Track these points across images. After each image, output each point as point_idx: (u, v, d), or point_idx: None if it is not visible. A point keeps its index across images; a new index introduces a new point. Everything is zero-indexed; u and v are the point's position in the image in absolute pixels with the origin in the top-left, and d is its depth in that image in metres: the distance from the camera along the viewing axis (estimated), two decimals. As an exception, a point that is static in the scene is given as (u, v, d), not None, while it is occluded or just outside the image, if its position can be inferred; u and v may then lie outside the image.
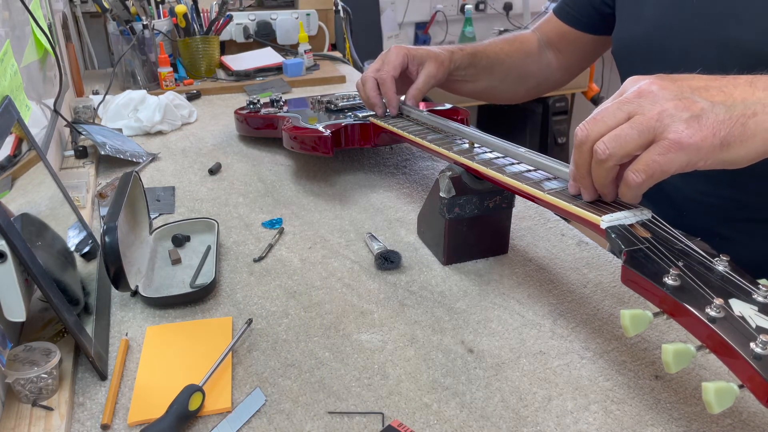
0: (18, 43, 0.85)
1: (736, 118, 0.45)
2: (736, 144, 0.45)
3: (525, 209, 0.86)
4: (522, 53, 0.95)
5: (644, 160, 0.46)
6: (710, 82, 0.48)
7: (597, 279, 0.71)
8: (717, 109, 0.45)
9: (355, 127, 0.93)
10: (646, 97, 0.47)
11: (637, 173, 0.46)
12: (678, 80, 0.48)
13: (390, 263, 0.72)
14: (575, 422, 0.51)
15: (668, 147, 0.45)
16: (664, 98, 0.46)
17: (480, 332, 0.62)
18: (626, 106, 0.47)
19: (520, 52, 0.95)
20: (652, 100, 0.46)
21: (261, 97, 1.17)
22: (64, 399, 0.53)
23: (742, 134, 0.45)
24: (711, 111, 0.45)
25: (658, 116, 0.45)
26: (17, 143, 0.65)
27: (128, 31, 1.40)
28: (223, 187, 0.95)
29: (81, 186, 0.90)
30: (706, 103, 0.46)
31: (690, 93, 0.46)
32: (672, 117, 0.45)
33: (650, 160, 0.45)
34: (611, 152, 0.47)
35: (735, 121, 0.45)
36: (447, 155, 0.72)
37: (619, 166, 0.48)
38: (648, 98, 0.47)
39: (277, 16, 1.69)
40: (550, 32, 0.95)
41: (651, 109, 0.46)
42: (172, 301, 0.67)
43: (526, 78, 0.97)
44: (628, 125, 0.46)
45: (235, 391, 0.55)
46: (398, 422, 0.51)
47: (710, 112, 0.45)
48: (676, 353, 0.39)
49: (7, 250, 0.49)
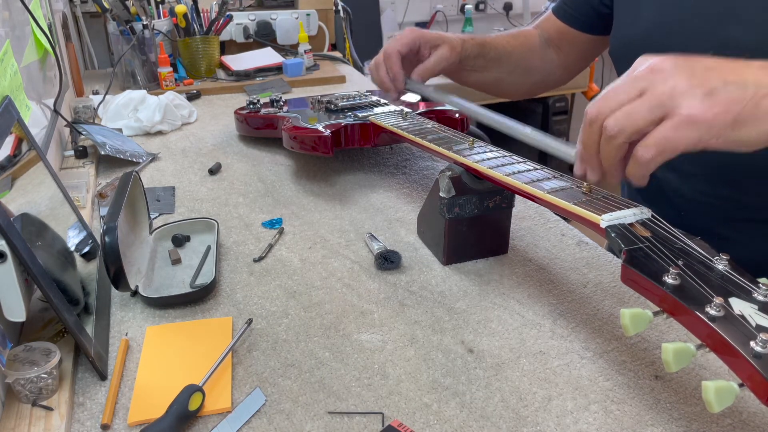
0: (18, 43, 0.85)
1: (749, 97, 0.45)
2: (749, 123, 0.45)
3: (525, 209, 0.86)
4: (526, 48, 0.95)
5: (655, 136, 0.45)
6: (722, 63, 0.47)
7: (597, 279, 0.71)
8: (730, 87, 0.45)
9: (355, 127, 0.94)
10: (659, 74, 0.46)
11: (647, 148, 0.46)
12: (690, 59, 0.47)
13: (390, 263, 0.72)
14: (575, 422, 0.51)
15: (680, 123, 0.44)
16: (677, 75, 0.45)
17: (480, 332, 0.62)
18: (638, 83, 0.47)
19: (525, 46, 0.95)
20: (664, 76, 0.46)
21: (261, 97, 1.17)
22: (64, 399, 0.53)
23: (755, 114, 0.45)
24: (724, 89, 0.45)
25: (670, 92, 0.45)
26: (17, 143, 0.65)
27: (128, 31, 1.40)
28: (223, 187, 0.95)
29: (81, 186, 0.90)
30: (719, 81, 0.45)
31: (703, 71, 0.46)
32: (684, 94, 0.45)
33: (661, 136, 0.45)
34: (621, 128, 0.46)
35: (748, 100, 0.45)
36: (447, 155, 0.72)
37: (628, 144, 0.48)
38: (660, 75, 0.46)
39: (277, 16, 1.69)
40: (550, 30, 0.95)
41: (663, 86, 0.45)
42: (172, 301, 0.67)
43: (531, 72, 0.97)
44: (639, 101, 0.46)
45: (235, 391, 0.55)
46: (398, 422, 0.51)
47: (723, 89, 0.45)
48: (676, 352, 0.39)
49: (7, 250, 0.49)
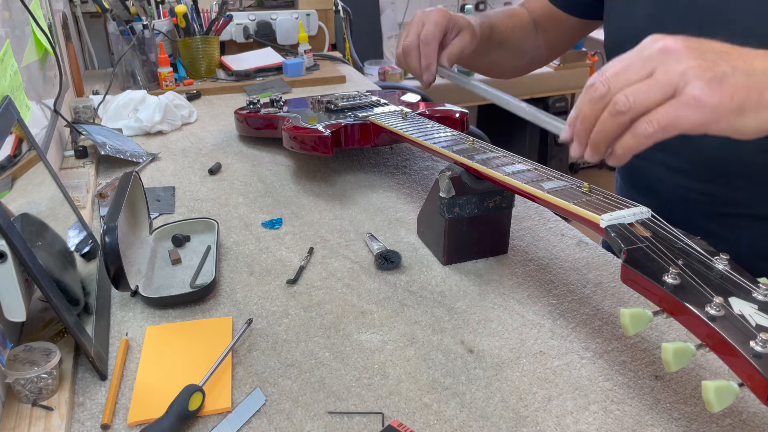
0: (18, 43, 0.85)
1: (754, 85, 0.45)
2: (751, 111, 0.45)
3: (525, 209, 0.86)
4: (521, 30, 0.94)
5: (660, 112, 0.46)
6: (731, 49, 0.48)
7: (597, 279, 0.71)
8: (738, 74, 0.46)
9: (355, 127, 0.94)
10: (671, 55, 0.47)
11: (650, 123, 0.46)
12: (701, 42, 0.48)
13: (390, 263, 0.72)
14: (575, 422, 0.51)
15: (686, 103, 0.45)
16: (689, 57, 0.46)
17: (480, 332, 0.62)
18: (650, 63, 0.47)
19: (520, 29, 0.94)
20: (676, 57, 0.46)
21: (261, 97, 1.17)
22: (64, 399, 0.53)
23: (758, 102, 0.45)
24: (732, 75, 0.45)
25: (681, 73, 0.45)
26: (17, 143, 0.65)
27: (128, 31, 1.40)
28: (223, 187, 0.95)
29: (81, 186, 0.90)
30: (728, 67, 0.46)
31: (713, 55, 0.46)
32: (694, 75, 0.45)
33: (666, 113, 0.45)
34: (632, 105, 0.46)
35: (753, 88, 0.45)
36: (447, 155, 0.72)
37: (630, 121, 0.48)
38: (673, 56, 0.46)
39: (277, 16, 1.69)
40: (537, 11, 0.94)
41: (675, 67, 0.46)
42: (172, 301, 0.67)
43: (523, 55, 0.96)
44: (651, 80, 0.46)
45: (235, 391, 0.55)
46: (398, 422, 0.51)
47: (731, 75, 0.45)
48: (676, 352, 0.39)
49: (7, 250, 0.49)
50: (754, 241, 0.73)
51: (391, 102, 1.06)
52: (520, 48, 0.95)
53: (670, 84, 0.46)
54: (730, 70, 0.46)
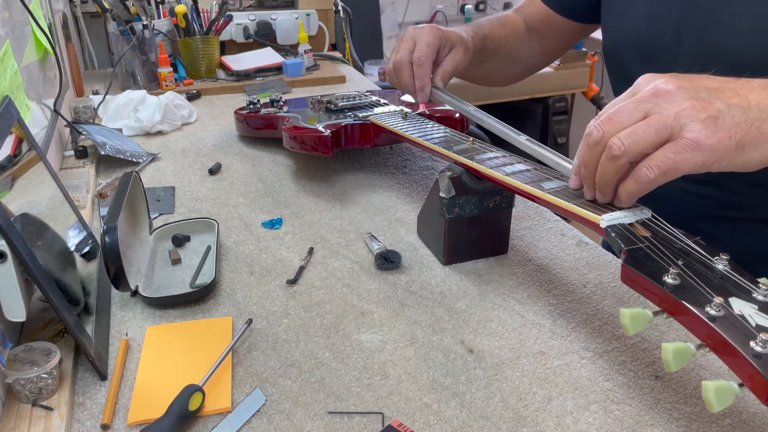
0: (18, 43, 0.85)
1: (751, 121, 0.45)
2: (751, 147, 0.45)
3: (525, 209, 0.86)
4: (516, 38, 0.94)
5: (660, 157, 0.45)
6: (725, 83, 0.47)
7: (597, 279, 0.71)
8: (733, 111, 0.45)
9: (355, 127, 0.94)
10: (664, 97, 0.46)
11: (650, 168, 0.46)
12: (693, 80, 0.48)
13: (390, 263, 0.72)
14: (575, 422, 0.51)
15: (685, 146, 0.44)
16: (682, 98, 0.46)
17: (480, 332, 0.62)
18: (643, 105, 0.47)
19: (514, 36, 0.94)
20: (669, 99, 0.46)
21: (261, 97, 1.17)
22: (64, 399, 0.53)
23: (757, 137, 0.45)
24: (727, 113, 0.45)
25: (675, 116, 0.45)
26: (17, 143, 0.65)
27: (128, 31, 1.40)
28: (223, 187, 0.95)
29: (81, 186, 0.90)
30: (722, 105, 0.45)
31: (706, 94, 0.46)
32: (689, 117, 0.45)
33: (665, 157, 0.45)
34: (627, 149, 0.46)
35: (750, 124, 0.45)
36: (447, 155, 0.72)
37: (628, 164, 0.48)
38: (665, 98, 0.46)
39: (277, 16, 1.69)
40: (533, 16, 0.94)
41: (668, 109, 0.46)
42: (172, 301, 0.67)
43: (518, 62, 0.96)
44: (645, 123, 0.46)
45: (235, 391, 0.55)
46: (398, 422, 0.51)
47: (727, 113, 0.45)
48: (676, 352, 0.39)
49: (7, 250, 0.49)
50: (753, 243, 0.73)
51: (391, 102, 1.06)
52: (513, 56, 0.95)
53: (665, 126, 0.45)
54: (725, 108, 0.45)
